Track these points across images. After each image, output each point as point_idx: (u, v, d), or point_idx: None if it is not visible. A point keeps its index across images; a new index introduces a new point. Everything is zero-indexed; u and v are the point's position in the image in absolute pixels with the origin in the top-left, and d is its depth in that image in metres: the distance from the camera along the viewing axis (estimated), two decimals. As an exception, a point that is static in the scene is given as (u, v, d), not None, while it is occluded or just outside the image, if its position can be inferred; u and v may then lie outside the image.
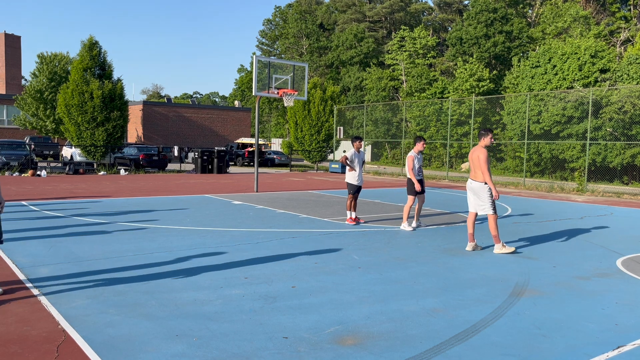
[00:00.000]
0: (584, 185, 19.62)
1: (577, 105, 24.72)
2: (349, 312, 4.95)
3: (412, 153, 9.87)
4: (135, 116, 41.35)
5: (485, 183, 7.83)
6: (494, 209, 7.85)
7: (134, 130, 42.64)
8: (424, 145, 10.09)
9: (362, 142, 10.73)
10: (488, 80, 36.19)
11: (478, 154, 7.83)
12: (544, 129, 26.21)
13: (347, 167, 10.38)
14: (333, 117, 30.89)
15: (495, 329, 4.60)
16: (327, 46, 60.10)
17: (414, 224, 10.10)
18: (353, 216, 10.40)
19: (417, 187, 9.71)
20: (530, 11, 44.26)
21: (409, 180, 9.91)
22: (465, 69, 36.60)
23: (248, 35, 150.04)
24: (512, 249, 7.91)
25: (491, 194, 7.83)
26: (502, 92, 35.53)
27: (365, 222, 10.53)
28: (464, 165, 33.19)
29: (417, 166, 9.89)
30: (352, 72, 52.73)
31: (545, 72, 27.74)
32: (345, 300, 5.29)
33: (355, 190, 10.41)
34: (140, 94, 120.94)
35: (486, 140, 8.02)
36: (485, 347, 4.17)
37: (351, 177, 10.39)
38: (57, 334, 4.23)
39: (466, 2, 53.11)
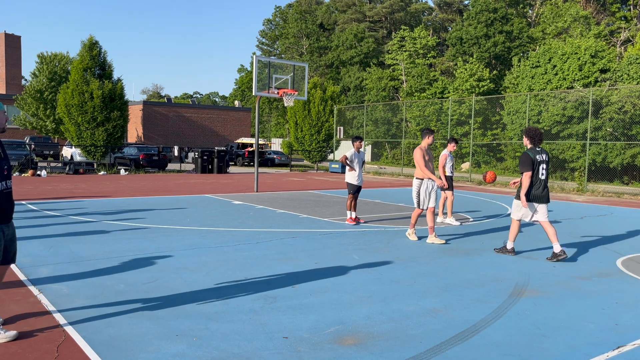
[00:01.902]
0: (584, 185, 19.62)
1: (577, 105, 24.72)
2: (349, 312, 4.95)
3: (445, 152, 10.80)
4: (135, 116, 41.35)
5: (417, 178, 8.67)
6: (418, 204, 8.66)
7: (134, 130, 42.64)
8: (455, 147, 10.96)
9: (363, 142, 10.76)
10: (488, 80, 36.19)
11: (415, 153, 8.65)
12: (544, 129, 26.20)
13: (347, 167, 10.39)
14: (333, 117, 30.89)
15: (495, 329, 4.60)
16: (327, 46, 60.10)
17: (447, 220, 10.79)
18: (353, 216, 10.40)
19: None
20: (530, 11, 44.27)
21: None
22: (465, 69, 36.60)
23: (248, 35, 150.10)
24: (416, 238, 8.73)
25: (418, 189, 8.64)
26: (502, 92, 35.53)
27: (365, 222, 10.53)
28: (464, 165, 33.20)
29: (449, 164, 10.86)
30: (352, 72, 52.74)
31: (546, 72, 27.74)
32: (345, 300, 5.29)
33: (355, 190, 10.41)
34: (140, 94, 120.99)
35: (428, 140, 8.74)
36: (485, 347, 4.17)
37: (351, 177, 10.39)
38: (57, 334, 4.24)
39: (466, 2, 53.13)
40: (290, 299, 5.31)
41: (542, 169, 7.31)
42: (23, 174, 21.81)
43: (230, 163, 35.65)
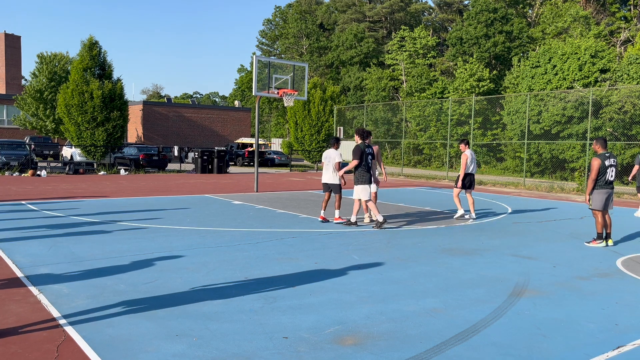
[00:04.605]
0: (584, 185, 19.62)
1: (577, 105, 24.72)
2: (349, 312, 4.95)
3: (466, 152, 11.40)
4: (135, 116, 41.34)
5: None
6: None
7: (134, 130, 42.64)
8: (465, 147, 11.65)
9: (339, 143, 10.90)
10: (488, 80, 36.17)
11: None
12: (544, 129, 26.20)
13: (324, 168, 10.60)
14: (333, 117, 30.90)
15: (495, 329, 4.60)
16: (327, 46, 60.07)
17: (467, 215, 11.51)
18: (322, 214, 10.64)
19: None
20: (530, 11, 44.26)
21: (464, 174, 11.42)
22: (465, 69, 36.59)
23: (248, 35, 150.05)
24: (368, 221, 10.52)
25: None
26: (502, 92, 35.52)
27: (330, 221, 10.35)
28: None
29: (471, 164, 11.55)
30: (352, 72, 52.71)
31: (545, 72, 27.73)
32: (345, 300, 5.29)
33: (332, 189, 10.65)
34: (140, 94, 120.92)
35: (367, 141, 10.39)
36: (485, 347, 4.17)
37: (332, 177, 10.52)
38: (57, 334, 4.24)
39: (466, 2, 53.11)
40: (290, 299, 5.31)
41: (369, 159, 9.99)
42: (23, 174, 21.80)
43: (230, 163, 35.65)
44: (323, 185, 10.66)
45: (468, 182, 11.47)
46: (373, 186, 10.49)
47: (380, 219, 9.87)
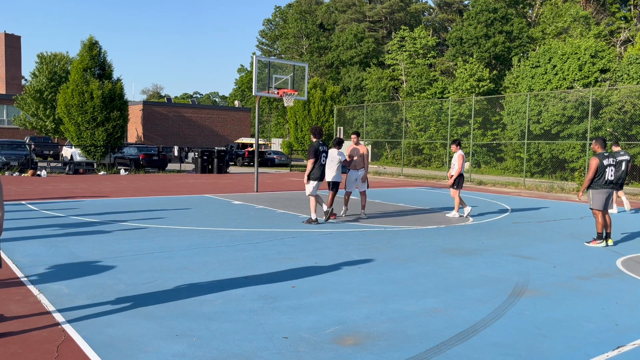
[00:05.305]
0: (584, 185, 19.59)
1: (577, 105, 24.72)
2: (349, 312, 4.95)
3: (461, 152, 11.78)
4: (135, 116, 41.34)
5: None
6: (344, 187, 11.33)
7: (134, 130, 42.63)
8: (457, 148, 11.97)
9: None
10: (488, 80, 36.16)
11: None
12: (544, 129, 26.20)
13: (327, 167, 10.76)
14: (333, 117, 30.89)
15: (495, 329, 4.60)
16: (327, 46, 60.06)
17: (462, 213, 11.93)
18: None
19: (450, 182, 11.72)
20: (530, 11, 44.25)
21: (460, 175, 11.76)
22: (465, 69, 36.58)
23: (248, 35, 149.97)
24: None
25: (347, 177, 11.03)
26: (502, 92, 35.51)
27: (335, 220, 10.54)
28: (465, 165, 33.16)
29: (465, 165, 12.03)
30: (352, 72, 52.70)
31: (545, 72, 27.73)
32: (345, 300, 5.29)
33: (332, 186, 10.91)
34: (140, 94, 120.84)
35: (354, 140, 11.22)
36: (485, 347, 4.17)
37: (335, 175, 10.80)
38: (57, 334, 4.24)
39: (466, 2, 53.11)
40: (290, 299, 5.31)
41: (323, 157, 10.18)
42: (23, 174, 21.79)
43: (230, 163, 35.65)
44: (327, 183, 10.80)
45: (462, 182, 11.91)
46: (362, 185, 10.90)
47: (313, 217, 10.09)
